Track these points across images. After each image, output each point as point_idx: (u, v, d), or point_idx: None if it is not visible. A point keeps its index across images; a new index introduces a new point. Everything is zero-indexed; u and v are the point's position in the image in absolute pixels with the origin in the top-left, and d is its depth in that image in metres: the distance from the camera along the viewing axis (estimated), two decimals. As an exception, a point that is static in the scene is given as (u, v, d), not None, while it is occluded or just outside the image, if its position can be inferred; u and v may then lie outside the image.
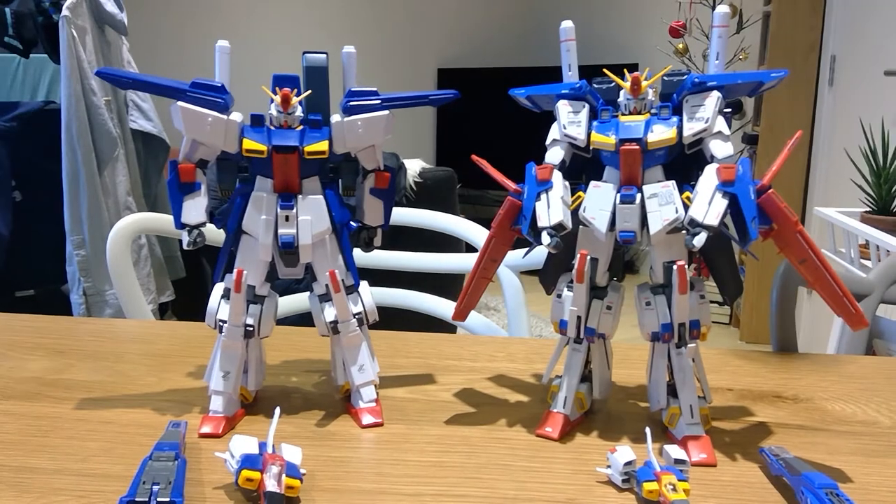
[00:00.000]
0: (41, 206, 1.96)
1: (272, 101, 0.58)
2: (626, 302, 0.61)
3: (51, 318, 0.88)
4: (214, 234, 0.59)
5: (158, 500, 0.44)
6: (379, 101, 0.59)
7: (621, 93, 0.57)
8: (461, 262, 1.16)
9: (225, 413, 0.60)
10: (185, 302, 2.16)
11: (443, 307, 1.16)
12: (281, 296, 0.65)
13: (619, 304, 0.60)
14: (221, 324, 0.60)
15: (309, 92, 0.59)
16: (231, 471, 0.49)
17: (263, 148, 0.57)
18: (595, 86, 0.58)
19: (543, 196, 0.55)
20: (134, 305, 1.11)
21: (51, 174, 1.86)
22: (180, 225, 0.58)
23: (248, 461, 0.47)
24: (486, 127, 4.39)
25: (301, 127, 0.58)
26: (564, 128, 0.57)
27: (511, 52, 4.76)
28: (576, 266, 0.57)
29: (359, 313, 0.62)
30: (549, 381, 0.65)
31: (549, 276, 0.63)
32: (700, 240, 0.51)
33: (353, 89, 0.59)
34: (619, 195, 0.55)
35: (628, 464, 0.50)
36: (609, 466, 0.51)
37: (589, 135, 0.56)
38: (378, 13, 4.64)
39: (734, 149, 0.55)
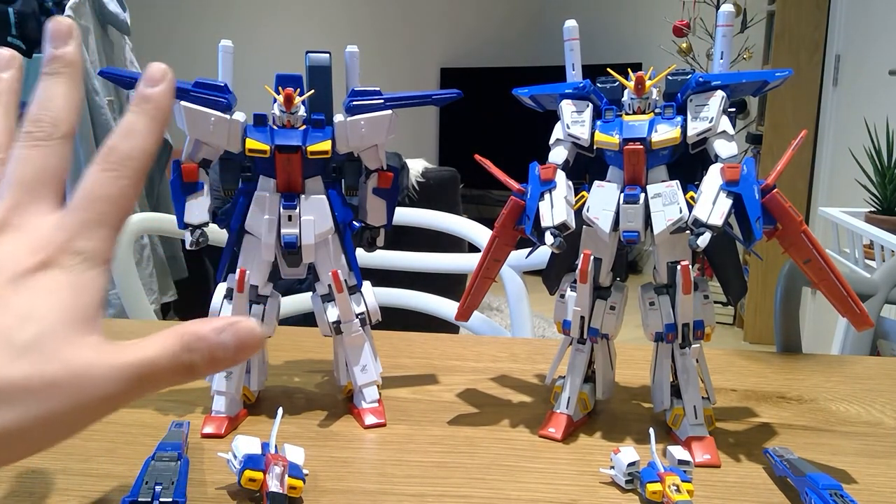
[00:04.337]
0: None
1: (275, 100, 0.58)
2: (630, 302, 0.61)
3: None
4: (217, 234, 0.59)
5: (161, 500, 0.44)
6: (382, 101, 0.59)
7: (625, 92, 0.56)
8: (464, 263, 1.16)
9: (227, 413, 0.60)
10: (188, 302, 2.16)
11: (445, 307, 1.16)
12: (283, 296, 0.65)
13: (622, 304, 0.59)
14: (224, 324, 0.59)
15: (312, 91, 0.59)
16: (234, 471, 0.49)
17: (266, 147, 0.57)
18: (599, 85, 0.58)
19: (547, 196, 0.54)
20: (136, 305, 1.11)
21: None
22: (183, 225, 0.57)
23: (251, 461, 0.47)
24: (489, 126, 4.38)
25: (304, 126, 0.58)
26: (568, 127, 0.57)
27: (514, 51, 4.76)
28: (579, 266, 0.57)
29: (361, 313, 0.62)
30: (552, 381, 0.64)
31: (552, 276, 0.63)
32: (704, 240, 0.50)
33: (355, 89, 0.59)
34: (622, 195, 0.55)
35: (632, 464, 0.50)
36: (612, 467, 0.51)
37: (592, 134, 0.56)
38: (381, 13, 4.64)
39: (738, 148, 0.54)
